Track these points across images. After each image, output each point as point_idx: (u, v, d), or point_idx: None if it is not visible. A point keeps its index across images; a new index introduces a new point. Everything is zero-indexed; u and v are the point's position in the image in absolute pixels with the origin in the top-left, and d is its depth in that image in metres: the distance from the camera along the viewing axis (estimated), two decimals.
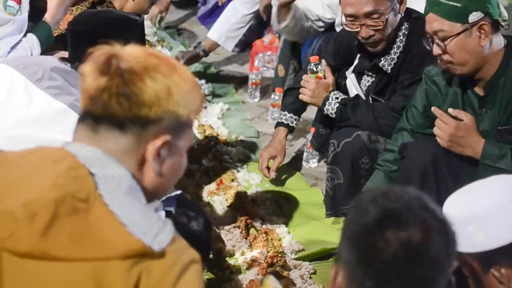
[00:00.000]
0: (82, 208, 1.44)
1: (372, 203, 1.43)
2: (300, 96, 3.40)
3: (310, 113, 3.78)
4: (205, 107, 4.35)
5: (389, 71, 3.22)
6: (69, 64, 2.58)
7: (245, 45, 4.95)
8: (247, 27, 4.72)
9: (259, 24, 4.89)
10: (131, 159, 1.51)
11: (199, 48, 4.67)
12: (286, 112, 3.56)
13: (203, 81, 4.64)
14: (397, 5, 3.15)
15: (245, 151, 3.92)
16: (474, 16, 2.67)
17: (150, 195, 1.55)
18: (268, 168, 3.51)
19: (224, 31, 4.65)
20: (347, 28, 3.20)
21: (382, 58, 3.22)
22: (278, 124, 3.58)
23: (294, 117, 3.56)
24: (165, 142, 1.51)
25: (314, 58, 3.41)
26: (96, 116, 1.51)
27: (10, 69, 2.57)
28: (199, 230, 2.46)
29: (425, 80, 2.93)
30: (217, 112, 4.31)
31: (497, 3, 2.73)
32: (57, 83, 2.51)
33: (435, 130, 2.82)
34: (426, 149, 2.86)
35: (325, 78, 3.37)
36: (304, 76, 3.39)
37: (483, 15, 2.67)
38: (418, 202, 1.44)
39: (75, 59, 2.58)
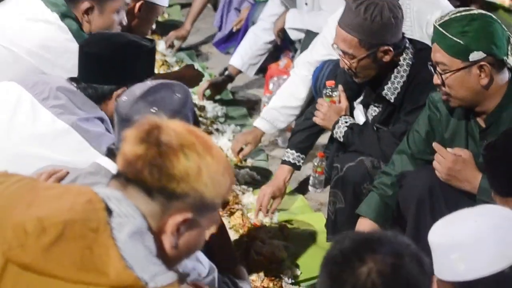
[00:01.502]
0: (89, 237, 1.51)
1: (348, 236, 1.52)
2: (313, 118, 3.42)
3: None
4: (217, 129, 4.37)
5: (392, 100, 3.23)
6: (75, 85, 2.62)
7: (261, 68, 4.97)
8: (268, 53, 4.77)
9: (275, 48, 4.90)
10: (151, 221, 1.58)
11: (226, 75, 4.76)
12: (293, 151, 3.58)
13: (216, 103, 4.68)
14: (380, 54, 3.15)
15: (252, 174, 3.94)
16: (475, 56, 2.68)
17: (164, 260, 1.60)
18: (267, 206, 3.52)
19: (247, 58, 4.73)
20: (334, 48, 3.23)
21: (386, 87, 3.23)
22: (284, 162, 3.59)
23: (301, 156, 3.59)
24: (185, 219, 1.58)
25: (330, 83, 3.43)
26: (128, 178, 1.59)
27: (19, 87, 2.64)
28: None
29: (429, 106, 2.94)
30: (229, 134, 4.34)
31: (507, 41, 2.72)
32: (62, 103, 2.57)
33: (434, 164, 2.84)
34: (422, 179, 2.88)
35: (339, 102, 3.38)
36: (319, 100, 3.43)
37: (485, 55, 2.67)
38: (392, 236, 1.53)
39: (84, 80, 2.61)
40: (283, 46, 4.78)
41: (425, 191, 2.85)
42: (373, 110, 3.34)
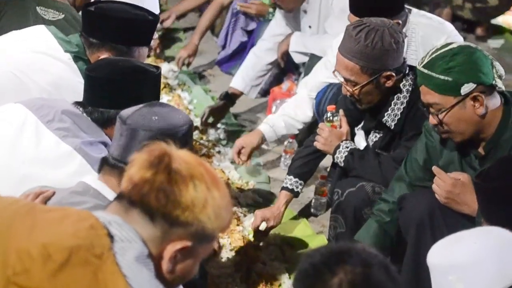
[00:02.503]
0: (94, 263, 1.53)
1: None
2: (314, 143, 3.43)
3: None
4: (219, 152, 4.38)
5: (392, 127, 3.24)
6: (81, 108, 2.63)
7: (264, 91, 4.99)
8: (269, 74, 4.78)
9: (279, 71, 4.92)
10: (151, 246, 1.60)
11: (225, 99, 4.74)
12: (291, 177, 3.58)
13: (219, 125, 4.68)
14: (383, 79, 3.16)
15: (253, 196, 3.95)
16: (466, 88, 2.69)
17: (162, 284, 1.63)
18: (259, 229, 3.51)
19: (249, 80, 4.74)
20: (336, 76, 3.24)
21: (386, 114, 3.24)
22: (283, 188, 3.59)
23: (300, 181, 3.58)
24: (184, 247, 1.60)
25: (331, 107, 3.45)
26: (132, 201, 1.61)
27: (25, 109, 2.64)
28: (194, 278, 2.48)
29: (425, 133, 2.95)
30: (230, 156, 4.34)
31: (491, 65, 2.72)
32: (66, 126, 2.58)
33: (434, 187, 2.86)
34: (423, 201, 2.89)
35: (340, 127, 3.39)
36: (320, 124, 3.44)
37: (475, 85, 2.68)
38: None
39: (90, 104, 2.62)
40: (287, 69, 4.80)
41: (425, 214, 2.86)
42: (374, 136, 3.35)
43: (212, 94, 5.22)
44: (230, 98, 4.74)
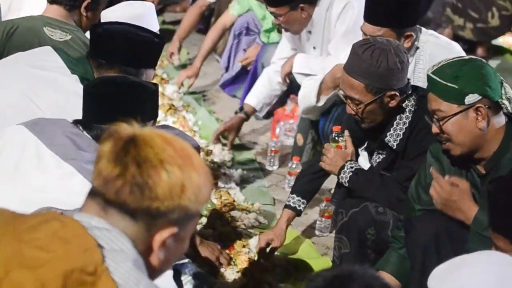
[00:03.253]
0: (89, 281, 1.49)
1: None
2: (320, 163, 3.46)
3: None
4: (224, 173, 4.42)
5: (394, 147, 3.27)
6: (80, 127, 2.66)
7: (268, 112, 5.03)
8: (279, 94, 4.83)
9: (282, 94, 4.94)
10: (138, 243, 1.56)
11: (239, 112, 4.79)
12: (294, 195, 3.60)
13: (224, 147, 4.74)
14: (387, 99, 3.19)
15: (259, 218, 3.98)
16: (470, 98, 2.71)
17: (151, 275, 1.60)
18: (265, 251, 3.55)
19: (262, 97, 4.77)
20: (340, 95, 3.29)
21: (388, 134, 3.27)
22: (286, 207, 3.61)
23: (302, 200, 3.59)
24: (172, 234, 1.56)
25: (336, 128, 3.48)
26: (107, 200, 1.55)
27: (25, 130, 2.65)
28: None
29: (429, 157, 2.97)
30: (236, 178, 4.38)
31: (500, 84, 2.77)
32: (67, 146, 2.59)
33: (431, 192, 2.88)
34: (429, 225, 2.91)
35: (345, 147, 3.43)
36: (326, 145, 3.47)
37: (480, 97, 2.71)
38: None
39: (89, 121, 2.65)
40: (290, 91, 4.82)
41: (431, 237, 2.88)
42: (377, 157, 3.38)
43: (217, 116, 5.26)
44: (245, 113, 4.77)
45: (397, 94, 3.18)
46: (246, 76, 5.25)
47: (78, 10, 3.53)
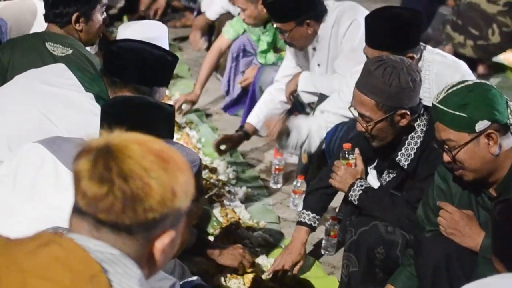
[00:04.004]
0: None
1: None
2: (330, 180, 3.45)
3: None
4: (229, 191, 4.41)
5: (405, 167, 3.26)
6: None
7: None
8: (282, 113, 4.80)
9: (286, 110, 4.93)
10: (139, 258, 1.52)
11: (242, 131, 4.78)
12: (309, 212, 3.59)
13: (229, 166, 4.74)
14: (397, 118, 3.18)
15: (265, 236, 3.97)
16: (481, 125, 2.69)
17: (151, 275, 1.58)
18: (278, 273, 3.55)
19: (263, 116, 4.74)
20: (351, 112, 3.29)
21: (399, 154, 3.27)
22: (300, 223, 3.60)
23: (317, 217, 3.60)
24: (171, 238, 1.53)
25: (347, 145, 3.46)
26: (99, 220, 1.49)
27: (42, 148, 2.65)
28: None
29: (437, 178, 2.97)
30: (241, 196, 4.38)
31: (506, 104, 2.75)
32: None
33: (439, 220, 2.88)
34: (438, 245, 2.90)
35: (355, 165, 3.42)
36: (336, 162, 3.45)
37: (490, 123, 2.69)
38: None
39: None
40: (293, 109, 4.81)
41: (441, 258, 2.87)
42: (387, 176, 3.38)
43: (220, 133, 5.26)
44: (244, 132, 4.78)
45: (408, 113, 3.17)
46: (247, 97, 5.24)
47: (71, 25, 3.54)
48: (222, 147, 4.75)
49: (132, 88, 3.03)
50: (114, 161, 1.48)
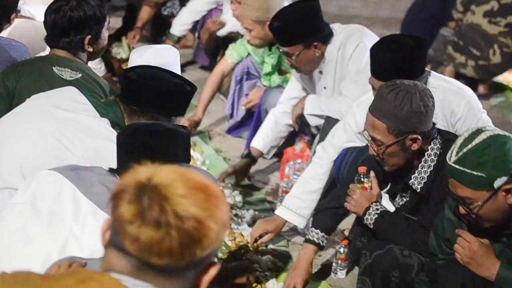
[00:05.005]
0: None
1: None
2: (345, 204, 3.44)
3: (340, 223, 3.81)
4: (236, 214, 4.38)
5: (418, 190, 3.25)
6: (117, 176, 2.63)
7: (276, 153, 5.00)
8: (286, 136, 4.80)
9: (290, 133, 4.93)
10: None
11: (246, 156, 4.75)
12: (318, 231, 3.59)
13: (235, 188, 4.70)
14: (409, 142, 3.17)
15: (274, 260, 3.94)
16: (499, 182, 2.67)
17: None
18: None
19: (269, 140, 4.74)
20: (364, 135, 3.28)
21: (413, 177, 3.25)
22: (308, 241, 3.60)
23: (325, 236, 3.60)
24: (217, 271, 1.50)
25: (362, 169, 3.44)
26: (150, 264, 1.44)
27: (61, 176, 2.62)
28: None
29: (447, 210, 2.95)
30: (248, 219, 4.34)
31: None
32: (104, 194, 2.56)
33: (456, 248, 2.87)
34: (455, 274, 2.89)
35: (371, 188, 3.40)
36: (351, 185, 3.43)
37: (507, 177, 2.67)
38: None
39: (123, 171, 2.62)
40: (300, 130, 4.80)
41: (457, 285, 2.86)
42: (401, 200, 3.36)
43: (224, 155, 5.24)
44: (252, 157, 4.74)
45: (419, 138, 3.16)
46: (251, 120, 5.22)
47: (82, 48, 3.52)
48: (231, 179, 4.70)
49: (150, 117, 3.01)
50: (167, 203, 1.43)
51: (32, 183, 2.65)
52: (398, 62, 3.52)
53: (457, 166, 2.70)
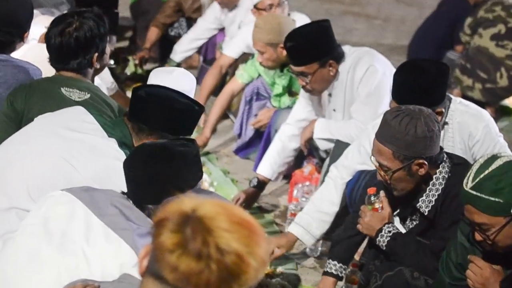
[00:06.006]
0: None
1: None
2: (357, 226, 3.43)
3: None
4: None
5: (426, 213, 3.25)
6: (130, 201, 2.62)
7: (284, 175, 4.99)
8: (293, 160, 4.79)
9: (299, 155, 4.91)
10: None
11: (255, 185, 4.73)
12: (335, 262, 3.58)
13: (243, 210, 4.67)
14: (415, 167, 3.16)
15: (283, 284, 3.92)
16: None
17: None
18: None
19: (276, 167, 4.71)
20: (372, 161, 3.27)
21: (420, 200, 3.25)
22: (327, 274, 3.59)
23: (344, 266, 3.59)
24: None
25: (371, 190, 3.42)
26: None
27: (73, 198, 2.60)
28: None
29: (460, 236, 2.93)
30: None
31: None
32: (116, 216, 2.54)
33: (469, 273, 2.85)
34: None
35: (382, 209, 3.39)
36: (362, 207, 3.42)
37: None
38: None
39: (138, 202, 2.61)
40: (308, 153, 4.79)
41: None
42: (410, 223, 3.35)
43: (232, 176, 5.23)
44: (260, 184, 4.73)
45: (426, 162, 3.15)
46: (259, 140, 5.22)
47: (91, 66, 3.51)
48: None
49: (158, 135, 3.00)
50: (210, 235, 1.43)
51: (44, 204, 2.64)
52: (421, 88, 3.51)
53: (474, 192, 2.68)
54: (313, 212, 3.91)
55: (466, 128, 3.62)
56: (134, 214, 2.58)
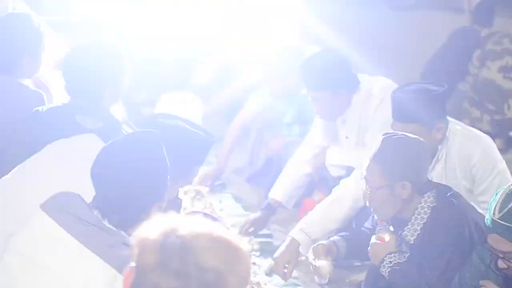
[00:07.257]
0: None
1: None
2: (368, 249, 3.50)
3: None
4: (253, 263, 4.41)
5: (412, 242, 3.33)
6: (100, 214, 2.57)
7: (295, 202, 5.03)
8: (305, 186, 4.82)
9: (309, 183, 4.94)
10: None
11: (269, 209, 4.77)
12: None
13: (252, 237, 4.74)
14: (399, 189, 3.26)
15: None
16: None
17: None
18: None
19: (288, 191, 4.74)
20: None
21: (406, 229, 3.35)
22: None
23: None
24: None
25: (380, 221, 3.50)
26: None
27: (44, 214, 2.58)
28: None
29: (476, 259, 3.00)
30: (266, 268, 4.38)
31: None
32: (89, 229, 2.47)
33: None
34: None
35: (387, 239, 3.46)
36: (373, 237, 3.51)
37: None
38: None
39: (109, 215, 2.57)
40: (318, 181, 4.82)
41: None
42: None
43: (244, 204, 5.29)
44: (271, 208, 4.77)
45: (409, 185, 3.25)
46: (270, 169, 5.25)
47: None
48: (250, 229, 4.74)
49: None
50: (189, 254, 1.48)
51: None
52: (422, 102, 3.62)
53: (502, 222, 2.72)
54: (319, 219, 4.07)
55: (465, 149, 3.74)
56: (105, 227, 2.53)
